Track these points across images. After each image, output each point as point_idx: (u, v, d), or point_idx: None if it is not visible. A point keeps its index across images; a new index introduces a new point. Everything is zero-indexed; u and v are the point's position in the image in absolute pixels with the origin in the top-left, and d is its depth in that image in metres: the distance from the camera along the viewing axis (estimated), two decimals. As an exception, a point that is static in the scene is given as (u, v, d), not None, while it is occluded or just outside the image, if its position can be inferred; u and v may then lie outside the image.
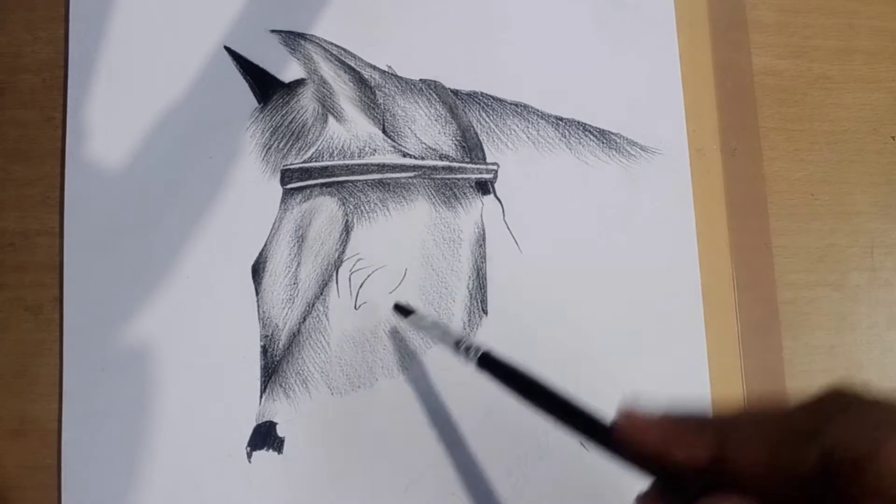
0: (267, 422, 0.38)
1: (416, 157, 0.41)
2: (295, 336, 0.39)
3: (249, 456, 0.38)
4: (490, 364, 0.29)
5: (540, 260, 0.41)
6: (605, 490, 0.39)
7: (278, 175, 0.40)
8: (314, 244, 0.40)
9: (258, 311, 0.39)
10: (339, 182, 0.40)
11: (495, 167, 0.42)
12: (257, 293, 0.39)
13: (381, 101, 0.42)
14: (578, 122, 0.43)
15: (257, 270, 0.39)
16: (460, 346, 0.31)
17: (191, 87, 0.41)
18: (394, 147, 0.41)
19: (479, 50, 0.43)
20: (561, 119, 0.43)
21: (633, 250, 0.42)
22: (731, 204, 0.43)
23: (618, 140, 0.43)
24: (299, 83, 0.41)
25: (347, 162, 0.41)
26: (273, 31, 0.42)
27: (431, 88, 0.42)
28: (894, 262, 0.44)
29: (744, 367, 0.41)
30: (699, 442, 0.19)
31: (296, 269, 0.40)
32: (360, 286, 0.40)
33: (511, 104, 0.42)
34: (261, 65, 0.41)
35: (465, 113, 0.42)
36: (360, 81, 0.42)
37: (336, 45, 0.42)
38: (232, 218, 0.40)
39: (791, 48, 0.45)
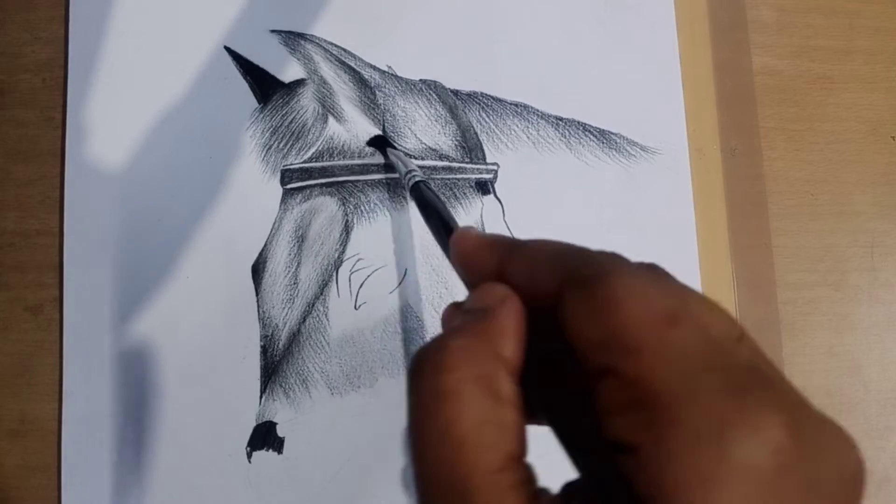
0: (267, 422, 0.38)
1: (416, 158, 0.41)
2: (295, 336, 0.39)
3: (249, 456, 0.38)
4: (418, 193, 0.32)
5: (540, 260, 0.41)
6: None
7: (278, 175, 0.40)
8: (314, 244, 0.40)
9: (258, 311, 0.39)
10: (339, 182, 0.40)
11: (495, 167, 0.42)
12: (257, 293, 0.39)
13: (381, 101, 0.42)
14: (578, 122, 0.43)
15: (257, 270, 0.39)
16: (407, 175, 0.34)
17: (191, 87, 0.41)
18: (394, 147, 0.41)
19: (479, 50, 0.43)
20: (561, 119, 0.43)
21: (633, 250, 0.41)
22: (731, 204, 0.43)
23: (618, 140, 0.43)
24: (299, 83, 0.41)
25: (347, 162, 0.41)
26: (273, 31, 0.42)
27: (431, 88, 0.42)
28: (894, 262, 0.44)
29: (744, 367, 0.41)
30: (488, 259, 0.20)
31: (296, 269, 0.40)
32: (360, 286, 0.40)
33: (511, 104, 0.42)
34: (261, 65, 0.41)
35: (465, 113, 0.42)
36: (360, 81, 0.42)
37: (336, 45, 0.42)
38: (232, 218, 0.40)
39: (791, 48, 0.45)
